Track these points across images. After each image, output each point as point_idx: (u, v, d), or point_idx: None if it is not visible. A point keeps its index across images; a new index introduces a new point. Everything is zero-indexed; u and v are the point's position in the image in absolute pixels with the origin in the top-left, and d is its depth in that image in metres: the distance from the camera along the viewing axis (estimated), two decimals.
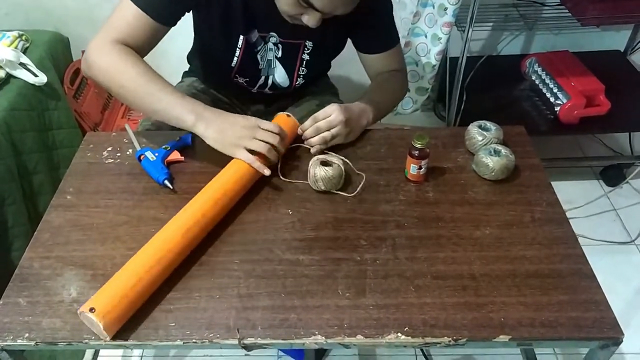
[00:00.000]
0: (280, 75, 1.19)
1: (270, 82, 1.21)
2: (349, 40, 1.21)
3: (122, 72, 0.98)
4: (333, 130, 1.05)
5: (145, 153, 1.04)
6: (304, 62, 1.18)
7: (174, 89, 1.00)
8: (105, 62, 0.99)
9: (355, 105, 1.11)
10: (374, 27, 1.16)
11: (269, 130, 0.99)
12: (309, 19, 0.97)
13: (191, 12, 1.09)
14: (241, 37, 1.11)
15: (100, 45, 1.00)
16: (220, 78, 1.24)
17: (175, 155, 1.05)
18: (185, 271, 0.87)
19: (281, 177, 1.03)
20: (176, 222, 0.88)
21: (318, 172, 0.98)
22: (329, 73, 1.43)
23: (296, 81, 1.21)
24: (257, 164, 0.96)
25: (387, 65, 1.22)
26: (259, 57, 1.15)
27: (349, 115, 1.06)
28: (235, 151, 0.96)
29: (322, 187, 0.99)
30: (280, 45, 1.15)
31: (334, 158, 1.01)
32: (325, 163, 1.00)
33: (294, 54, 1.17)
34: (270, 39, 1.13)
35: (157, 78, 0.99)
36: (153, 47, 1.05)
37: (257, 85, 1.22)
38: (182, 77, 1.40)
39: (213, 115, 0.98)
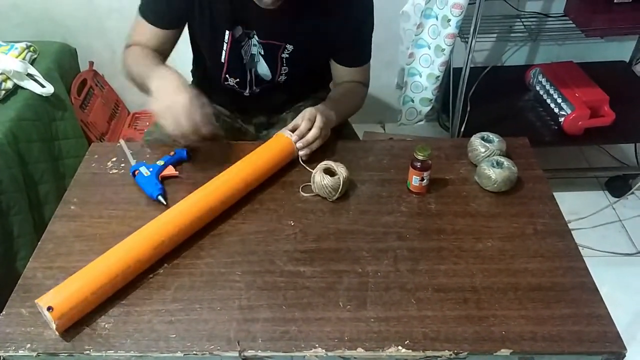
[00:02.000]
0: (262, 67, 1.22)
1: (253, 75, 1.23)
2: None
3: (130, 64, 1.13)
4: (313, 132, 1.07)
5: (140, 168, 1.04)
6: (284, 60, 1.20)
7: (157, 70, 1.06)
8: (124, 61, 1.16)
9: (326, 110, 1.13)
10: (353, 43, 1.21)
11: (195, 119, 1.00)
12: None
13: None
14: (227, 32, 1.14)
15: (124, 51, 1.17)
16: (214, 82, 1.26)
17: (170, 170, 1.06)
18: (186, 282, 0.87)
19: (301, 162, 1.07)
20: (148, 231, 0.90)
21: (320, 179, 0.99)
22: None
23: (279, 76, 1.23)
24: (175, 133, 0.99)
25: (355, 78, 1.27)
26: (242, 52, 1.18)
27: (326, 118, 1.09)
28: (162, 121, 1.00)
29: (324, 195, 1.00)
30: (262, 46, 1.18)
31: (338, 167, 1.01)
32: (328, 171, 1.01)
33: (274, 53, 1.19)
34: (254, 36, 1.16)
35: (148, 62, 1.10)
36: (166, 50, 1.18)
37: (247, 84, 1.23)
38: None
39: (162, 85, 1.02)
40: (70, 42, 1.98)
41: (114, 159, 1.12)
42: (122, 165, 1.11)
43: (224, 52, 1.17)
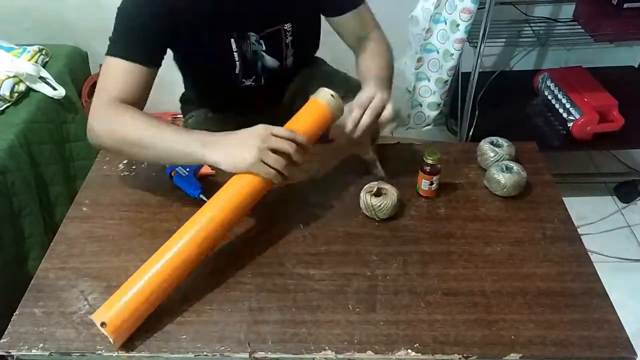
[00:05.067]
0: (269, 61, 1.19)
1: (260, 66, 1.20)
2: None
3: (123, 128, 0.94)
4: (376, 102, 0.97)
5: (176, 169, 1.05)
6: (289, 45, 1.18)
7: (176, 127, 0.96)
8: (106, 125, 0.96)
9: (374, 81, 1.04)
10: None
11: (282, 137, 0.90)
12: None
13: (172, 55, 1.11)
14: (232, 40, 1.11)
15: (98, 111, 0.97)
16: (228, 92, 1.24)
17: (206, 169, 1.06)
18: (197, 284, 0.88)
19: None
20: (190, 232, 0.86)
21: (370, 201, 0.97)
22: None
23: (286, 61, 1.21)
24: (277, 179, 0.89)
25: (363, 26, 1.19)
26: (247, 54, 1.15)
27: (378, 84, 1.01)
28: (251, 168, 0.88)
29: (380, 217, 0.98)
30: (262, 42, 1.15)
31: (385, 186, 0.99)
32: (376, 193, 0.98)
33: (278, 42, 1.16)
34: (251, 37, 1.13)
35: (158, 122, 0.95)
36: (148, 95, 1.03)
37: (263, 80, 1.22)
38: (186, 112, 1.38)
39: (218, 137, 0.92)
40: (82, 45, 2.00)
41: (125, 161, 1.13)
42: (133, 167, 1.12)
43: (237, 64, 1.14)
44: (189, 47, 1.10)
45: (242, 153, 0.88)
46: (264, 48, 1.16)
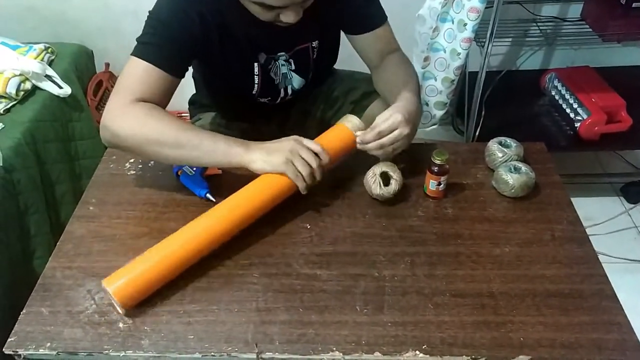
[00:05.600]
0: (296, 81, 1.21)
1: (290, 91, 1.22)
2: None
3: (152, 127, 0.94)
4: (395, 134, 0.99)
5: (183, 168, 1.05)
6: (315, 61, 1.19)
7: (209, 132, 0.98)
8: (130, 123, 0.95)
9: (406, 103, 1.04)
10: (358, 7, 1.15)
11: (311, 150, 0.97)
12: (287, 17, 0.96)
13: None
14: (255, 64, 1.12)
15: (120, 109, 0.96)
16: (241, 105, 1.26)
17: (213, 169, 1.06)
18: (204, 284, 0.88)
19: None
20: (210, 219, 0.91)
21: (376, 189, 0.99)
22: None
23: (309, 78, 1.23)
24: (301, 183, 0.95)
25: (384, 46, 1.19)
26: (272, 74, 1.17)
27: (408, 114, 1.01)
28: (283, 168, 0.94)
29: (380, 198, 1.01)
30: (291, 60, 1.17)
31: (394, 172, 1.00)
32: (384, 177, 1.00)
33: (306, 59, 1.18)
34: (280, 57, 1.15)
35: (188, 125, 0.99)
36: (168, 102, 1.02)
37: (279, 99, 1.24)
38: (194, 113, 1.38)
39: (257, 143, 0.98)
40: (87, 43, 2.00)
41: (132, 160, 1.13)
42: (140, 166, 1.12)
43: (256, 85, 1.15)
44: (214, 61, 1.10)
45: (278, 153, 0.95)
46: (293, 67, 1.18)
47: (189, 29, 0.99)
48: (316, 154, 0.97)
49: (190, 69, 1.25)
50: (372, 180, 1.00)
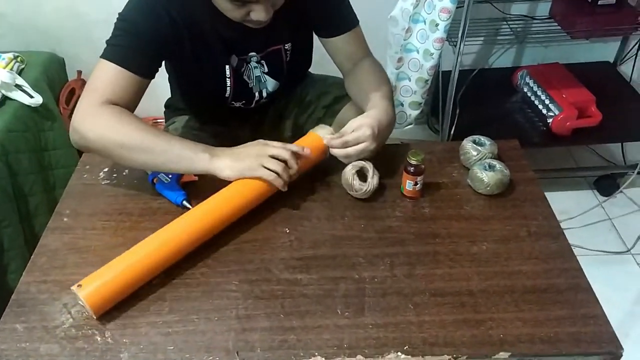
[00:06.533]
0: (270, 84, 1.21)
1: (264, 94, 1.22)
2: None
3: (120, 131, 0.94)
4: (360, 147, 0.99)
5: (159, 175, 1.03)
6: (288, 64, 1.19)
7: (178, 138, 0.99)
8: (99, 125, 0.94)
9: (379, 113, 1.04)
10: (329, 9, 1.15)
11: (279, 147, 0.98)
12: (257, 14, 0.96)
13: (163, 62, 1.10)
14: (227, 66, 1.12)
15: (88, 111, 0.96)
16: (216, 109, 1.25)
17: (189, 176, 1.05)
18: (183, 293, 0.87)
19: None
20: (180, 226, 0.91)
21: (356, 184, 1.01)
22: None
23: (283, 81, 1.23)
24: (278, 181, 0.96)
25: (356, 49, 1.19)
26: (245, 77, 1.16)
27: (378, 127, 1.01)
28: (254, 172, 0.95)
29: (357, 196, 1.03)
30: (263, 61, 1.17)
31: (370, 167, 1.01)
32: (361, 172, 1.02)
33: (279, 62, 1.18)
34: (252, 59, 1.15)
35: (157, 131, 0.98)
36: (138, 103, 1.02)
37: (254, 103, 1.23)
38: (169, 117, 1.37)
39: (224, 149, 0.98)
40: (58, 51, 1.96)
41: (106, 170, 1.11)
42: (114, 175, 1.10)
43: (228, 88, 1.15)
44: (185, 62, 1.10)
45: (245, 159, 0.97)
46: (266, 70, 1.17)
47: (158, 30, 0.99)
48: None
49: (167, 74, 1.24)
50: (351, 176, 1.01)
